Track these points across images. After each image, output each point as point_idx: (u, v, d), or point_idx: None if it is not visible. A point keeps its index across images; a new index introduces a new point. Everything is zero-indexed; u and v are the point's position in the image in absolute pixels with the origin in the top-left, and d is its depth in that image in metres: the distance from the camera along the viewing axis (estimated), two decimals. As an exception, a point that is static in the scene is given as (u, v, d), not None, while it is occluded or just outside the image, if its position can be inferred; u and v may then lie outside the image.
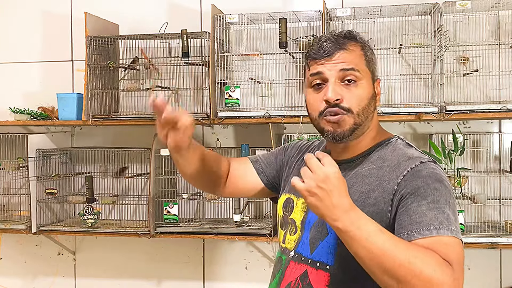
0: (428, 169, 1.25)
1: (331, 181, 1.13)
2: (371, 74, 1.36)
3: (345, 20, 2.90)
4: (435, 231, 1.15)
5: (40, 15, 3.38)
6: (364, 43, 1.38)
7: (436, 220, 1.16)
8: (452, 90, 2.81)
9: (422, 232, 1.15)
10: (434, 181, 1.22)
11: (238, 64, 3.05)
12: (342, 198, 1.13)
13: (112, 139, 3.26)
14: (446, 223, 1.16)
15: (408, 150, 1.34)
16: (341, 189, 1.14)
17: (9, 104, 3.16)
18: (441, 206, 1.19)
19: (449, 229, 1.16)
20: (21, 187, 3.24)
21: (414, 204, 1.19)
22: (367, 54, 1.36)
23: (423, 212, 1.18)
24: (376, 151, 1.36)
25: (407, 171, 1.25)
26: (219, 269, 3.21)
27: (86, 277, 3.37)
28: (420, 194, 1.20)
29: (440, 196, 1.20)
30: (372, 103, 1.35)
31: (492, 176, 2.80)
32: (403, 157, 1.30)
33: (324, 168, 1.14)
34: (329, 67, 1.32)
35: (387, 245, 1.10)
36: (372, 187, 1.28)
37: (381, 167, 1.31)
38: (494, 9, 2.75)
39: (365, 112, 1.33)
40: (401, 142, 1.38)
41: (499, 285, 2.92)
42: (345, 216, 1.12)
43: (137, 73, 3.18)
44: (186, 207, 3.08)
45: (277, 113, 2.75)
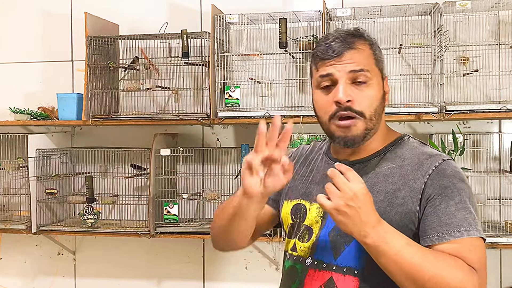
0: (452, 168, 1.26)
1: (359, 198, 1.13)
2: (380, 73, 1.32)
3: (345, 20, 2.90)
4: (465, 233, 1.19)
5: (40, 15, 3.38)
6: (372, 41, 1.34)
7: (465, 221, 1.20)
8: (452, 90, 2.81)
9: (453, 234, 1.19)
10: (459, 181, 1.24)
11: (238, 64, 3.05)
12: (370, 214, 1.14)
13: (112, 139, 3.26)
14: (474, 223, 1.20)
15: (424, 148, 1.33)
16: (369, 205, 1.14)
17: (9, 104, 3.16)
18: (468, 206, 1.22)
19: (477, 229, 1.20)
20: (21, 187, 3.24)
21: (443, 204, 1.21)
22: (375, 52, 1.32)
23: (452, 213, 1.20)
24: (392, 150, 1.34)
25: (432, 169, 1.25)
26: (219, 269, 3.21)
27: (86, 277, 3.37)
28: (448, 195, 1.22)
29: (466, 196, 1.23)
30: (382, 103, 1.33)
31: (492, 176, 2.80)
32: (423, 155, 1.29)
33: (350, 185, 1.13)
34: (339, 68, 1.27)
35: (415, 259, 1.13)
36: (398, 186, 1.26)
37: (402, 166, 1.29)
38: (494, 9, 2.75)
39: (376, 114, 1.30)
40: (414, 141, 1.37)
41: (499, 285, 2.92)
42: (373, 231, 1.14)
43: (137, 73, 3.18)
44: (186, 207, 3.08)
45: (277, 113, 2.74)
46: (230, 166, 3.10)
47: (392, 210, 1.23)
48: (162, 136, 2.97)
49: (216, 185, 3.07)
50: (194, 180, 3.12)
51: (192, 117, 2.85)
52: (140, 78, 3.17)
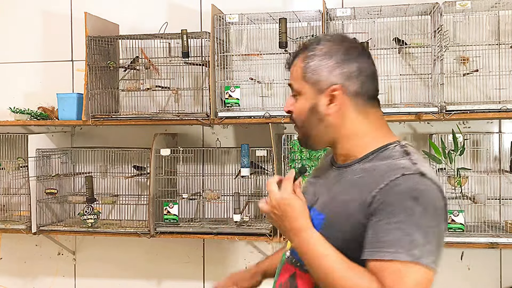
0: (407, 184, 1.18)
1: (281, 208, 1.28)
2: (310, 86, 1.31)
3: (345, 20, 2.90)
4: (392, 255, 1.14)
5: (40, 15, 3.38)
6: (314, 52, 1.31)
7: (398, 243, 1.14)
8: (452, 90, 2.81)
9: (381, 253, 1.15)
10: (408, 199, 1.16)
11: (238, 64, 3.06)
12: (292, 222, 1.27)
13: (112, 139, 3.26)
14: (408, 246, 1.13)
15: (401, 160, 1.25)
16: (292, 214, 1.27)
17: (9, 104, 3.16)
18: (407, 227, 1.14)
19: (410, 254, 1.13)
20: (21, 187, 3.24)
21: (383, 221, 1.17)
22: (307, 65, 1.31)
23: (389, 230, 1.15)
24: (371, 158, 1.30)
25: (385, 183, 1.19)
26: (219, 269, 3.20)
27: (86, 277, 3.37)
28: (391, 212, 1.16)
29: (411, 216, 1.15)
30: (314, 115, 1.32)
31: (492, 176, 2.80)
32: (390, 167, 1.23)
33: (276, 195, 1.28)
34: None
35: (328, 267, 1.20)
36: (353, 197, 1.24)
37: (368, 176, 1.26)
38: (494, 9, 2.75)
39: (306, 124, 1.34)
40: (398, 150, 1.29)
41: (499, 285, 2.92)
42: (296, 237, 1.27)
43: (137, 73, 3.18)
44: (186, 207, 3.08)
45: (277, 113, 2.75)
46: (230, 166, 3.10)
47: (344, 222, 1.24)
48: (162, 136, 2.97)
49: (216, 185, 3.07)
50: (194, 180, 3.12)
51: (192, 117, 2.85)
52: (140, 78, 3.18)
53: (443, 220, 1.21)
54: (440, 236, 1.20)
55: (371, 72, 1.33)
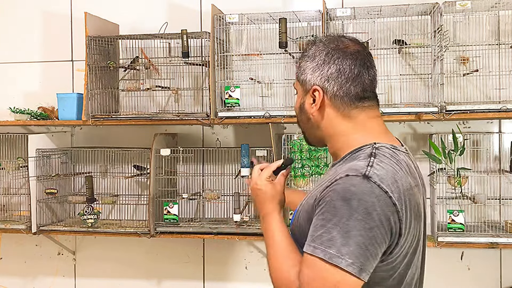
0: (345, 185, 1.18)
1: (254, 192, 1.46)
2: (300, 85, 1.40)
3: (345, 20, 2.90)
4: (312, 249, 1.18)
5: (40, 15, 3.38)
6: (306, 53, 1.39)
7: (319, 239, 1.17)
8: (452, 90, 2.81)
9: (307, 246, 1.20)
10: (339, 199, 1.17)
11: (238, 64, 3.05)
12: (261, 206, 1.44)
13: (112, 139, 3.26)
14: (326, 244, 1.15)
15: (361, 161, 1.25)
16: (260, 199, 1.44)
17: (9, 104, 3.16)
18: (330, 226, 1.16)
19: (326, 252, 1.15)
20: (21, 187, 3.24)
21: (316, 216, 1.22)
22: (300, 65, 1.40)
23: (316, 226, 1.20)
24: (345, 159, 1.32)
25: (331, 182, 1.22)
26: (219, 269, 3.21)
27: (86, 277, 3.37)
28: (322, 208, 1.20)
29: (336, 216, 1.16)
30: (303, 114, 1.40)
31: (492, 176, 2.80)
32: (343, 168, 1.25)
33: (254, 179, 1.46)
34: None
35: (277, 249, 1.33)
36: (313, 195, 1.31)
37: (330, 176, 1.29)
38: (494, 9, 2.75)
39: (299, 121, 1.44)
40: (367, 151, 1.28)
41: (499, 285, 2.92)
42: (262, 221, 1.43)
43: (137, 73, 3.18)
44: (186, 207, 3.08)
45: (277, 113, 2.75)
46: (230, 166, 3.10)
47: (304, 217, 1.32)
48: (162, 136, 2.97)
49: (216, 185, 3.07)
50: (194, 180, 3.12)
51: (192, 117, 2.85)
52: (140, 78, 3.18)
53: (382, 227, 1.16)
54: (371, 242, 1.15)
55: (355, 73, 1.33)
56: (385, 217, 1.17)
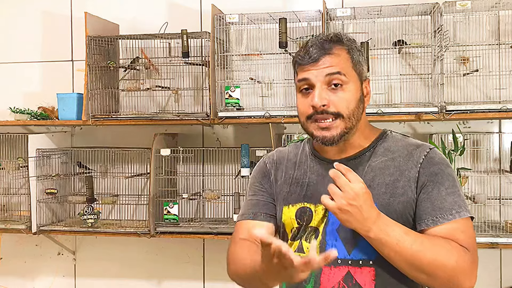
0: (438, 156, 1.37)
1: (360, 197, 1.23)
2: (358, 76, 1.39)
3: (345, 20, 2.90)
4: (457, 215, 1.30)
5: (40, 15, 3.38)
6: (351, 45, 1.40)
7: (455, 204, 1.31)
8: (452, 90, 2.81)
9: (446, 216, 1.30)
10: (446, 167, 1.36)
11: (238, 64, 3.05)
12: (370, 210, 1.25)
13: (112, 139, 3.26)
14: (464, 205, 1.32)
15: (408, 139, 1.44)
16: (369, 202, 1.25)
17: (9, 104, 3.16)
18: (456, 190, 1.34)
19: (466, 209, 1.32)
20: (21, 187, 3.24)
21: (435, 190, 1.32)
22: (353, 56, 1.38)
23: (443, 197, 1.32)
24: (379, 144, 1.42)
25: (422, 158, 1.35)
26: (219, 269, 3.20)
27: (86, 277, 3.37)
28: (438, 181, 1.33)
29: (454, 180, 1.35)
30: (361, 105, 1.39)
31: (492, 176, 2.80)
32: (411, 146, 1.39)
33: (352, 185, 1.23)
34: (315, 73, 1.35)
35: (414, 247, 1.24)
36: (395, 177, 1.35)
37: (394, 158, 1.38)
38: (494, 9, 2.75)
39: (355, 114, 1.36)
40: (396, 134, 1.46)
41: (499, 285, 2.92)
42: (375, 226, 1.25)
43: (137, 73, 3.18)
44: (186, 207, 3.08)
45: (277, 113, 2.75)
46: (230, 166, 3.10)
47: (395, 200, 1.33)
48: (162, 136, 2.97)
49: (216, 185, 3.07)
50: (194, 180, 3.12)
51: (192, 117, 2.85)
52: (140, 78, 3.18)
53: None
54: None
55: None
56: None
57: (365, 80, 1.42)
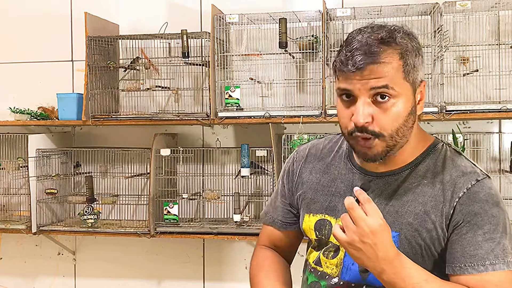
0: (486, 190, 1.17)
1: (376, 235, 1.08)
2: (411, 85, 1.17)
3: (345, 20, 2.90)
4: (490, 267, 1.12)
5: (40, 15, 3.38)
6: (406, 46, 1.17)
7: (491, 253, 1.12)
8: (452, 90, 2.81)
9: (476, 267, 1.12)
10: (492, 207, 1.15)
11: (238, 64, 3.05)
12: (387, 250, 1.09)
13: (112, 139, 3.26)
14: (502, 255, 1.13)
15: (459, 160, 1.23)
16: (386, 242, 1.09)
17: (9, 104, 3.16)
18: (497, 236, 1.14)
19: (505, 261, 1.12)
20: (21, 187, 3.24)
21: (469, 234, 1.14)
22: (407, 61, 1.16)
23: (478, 243, 1.13)
24: (424, 161, 1.23)
25: (463, 192, 1.16)
26: (219, 269, 3.21)
27: (86, 277, 3.37)
28: (477, 223, 1.14)
29: (498, 224, 1.14)
30: (411, 118, 1.19)
31: (492, 176, 2.79)
32: (457, 172, 1.20)
33: (368, 220, 1.08)
34: (358, 86, 1.14)
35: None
36: (428, 208, 1.18)
37: (434, 183, 1.20)
38: (494, 9, 2.75)
39: (400, 131, 1.17)
40: (448, 149, 1.25)
41: (499, 285, 2.91)
42: (390, 267, 1.09)
43: (137, 73, 3.18)
44: (186, 207, 3.07)
45: (277, 113, 2.75)
46: (230, 166, 3.10)
47: (421, 235, 1.18)
48: (162, 136, 2.97)
49: (216, 185, 3.07)
50: (194, 180, 3.12)
51: (192, 117, 2.85)
52: (140, 78, 3.18)
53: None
54: None
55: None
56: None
57: (420, 84, 1.21)
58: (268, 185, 2.93)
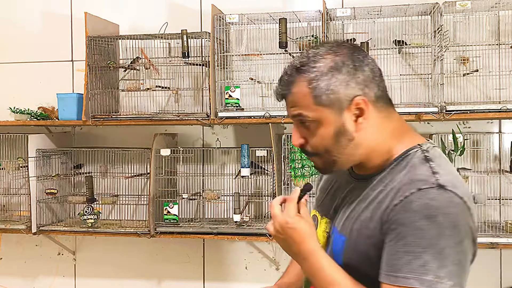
0: (422, 200, 1.08)
1: (285, 231, 1.19)
2: (329, 107, 1.16)
3: (345, 20, 2.90)
4: (402, 281, 1.06)
5: (40, 15, 3.38)
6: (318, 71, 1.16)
7: (407, 266, 1.06)
8: (452, 90, 2.81)
9: (389, 277, 1.09)
10: (421, 218, 1.07)
11: (238, 64, 3.05)
12: (299, 246, 1.18)
13: (112, 139, 3.26)
14: (419, 271, 1.05)
15: (420, 167, 1.15)
16: (296, 238, 1.18)
17: (9, 104, 3.16)
18: (418, 250, 1.06)
19: (421, 279, 1.04)
20: (21, 187, 3.24)
21: (392, 242, 1.10)
22: (317, 87, 1.16)
23: (398, 254, 1.08)
24: (390, 169, 1.20)
25: (400, 200, 1.11)
26: (219, 269, 3.21)
27: (86, 277, 3.37)
28: (401, 233, 1.08)
29: (422, 237, 1.06)
30: (343, 137, 1.18)
31: (492, 176, 2.80)
32: (407, 179, 1.14)
33: (279, 218, 1.19)
34: (287, 111, 1.23)
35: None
36: (371, 215, 1.17)
37: (386, 190, 1.17)
38: (494, 9, 2.75)
39: (334, 150, 1.19)
40: (418, 156, 1.18)
41: (499, 285, 2.92)
42: (305, 262, 1.19)
43: (137, 73, 3.18)
44: (186, 207, 3.08)
45: (277, 113, 2.75)
46: (230, 166, 3.10)
47: (362, 242, 1.18)
48: (162, 136, 2.97)
49: (216, 185, 3.07)
50: (194, 180, 3.12)
51: (192, 117, 2.85)
52: (140, 78, 3.18)
53: (467, 237, 1.09)
54: (463, 256, 1.08)
55: (379, 69, 1.22)
56: (468, 226, 1.10)
57: (351, 103, 1.16)
58: (268, 185, 2.93)
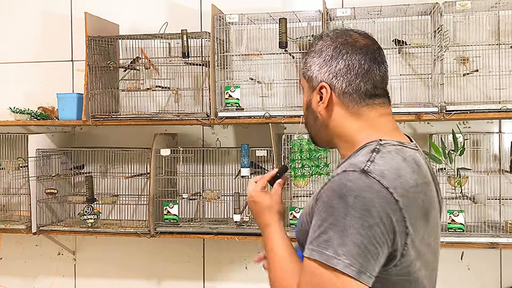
0: (341, 181, 1.12)
1: (250, 204, 1.41)
2: (307, 82, 1.31)
3: (345, 20, 2.90)
4: (308, 252, 1.10)
5: (40, 15, 3.38)
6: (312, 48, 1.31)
7: (316, 241, 1.10)
8: (452, 90, 2.81)
9: (307, 249, 1.12)
10: (334, 197, 1.10)
11: (238, 64, 3.06)
12: (259, 218, 1.38)
13: (112, 139, 3.26)
14: (323, 246, 1.08)
15: (360, 156, 1.18)
16: (257, 211, 1.38)
17: (9, 104, 3.16)
18: (327, 225, 1.09)
19: (323, 253, 1.07)
20: (21, 187, 3.24)
21: (315, 217, 1.14)
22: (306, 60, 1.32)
23: (314, 228, 1.12)
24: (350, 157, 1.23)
25: (329, 179, 1.17)
26: (219, 269, 3.21)
27: (86, 277, 3.37)
28: (319, 208, 1.13)
29: (332, 214, 1.09)
30: (310, 112, 1.31)
31: (492, 176, 2.80)
32: (345, 164, 1.18)
33: (249, 191, 1.41)
34: None
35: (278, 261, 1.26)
36: (314, 196, 1.24)
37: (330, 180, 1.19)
38: (494, 9, 2.75)
39: (306, 120, 1.36)
40: (368, 149, 1.20)
41: (499, 285, 2.92)
42: (262, 233, 1.36)
43: (137, 73, 3.18)
44: (186, 207, 3.08)
45: (277, 113, 2.75)
46: (230, 166, 3.10)
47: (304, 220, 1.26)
48: (162, 136, 2.97)
49: (216, 185, 3.07)
50: (194, 180, 3.12)
51: (192, 117, 2.85)
52: (140, 78, 3.18)
53: (382, 226, 1.08)
54: (370, 241, 1.07)
55: (364, 69, 1.24)
56: (386, 215, 1.08)
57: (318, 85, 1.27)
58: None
